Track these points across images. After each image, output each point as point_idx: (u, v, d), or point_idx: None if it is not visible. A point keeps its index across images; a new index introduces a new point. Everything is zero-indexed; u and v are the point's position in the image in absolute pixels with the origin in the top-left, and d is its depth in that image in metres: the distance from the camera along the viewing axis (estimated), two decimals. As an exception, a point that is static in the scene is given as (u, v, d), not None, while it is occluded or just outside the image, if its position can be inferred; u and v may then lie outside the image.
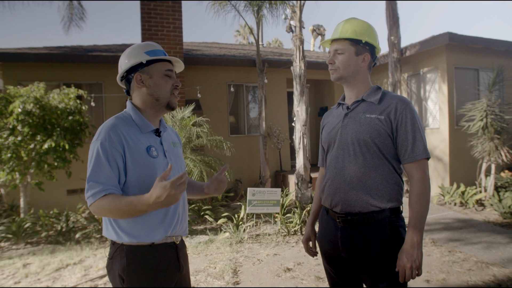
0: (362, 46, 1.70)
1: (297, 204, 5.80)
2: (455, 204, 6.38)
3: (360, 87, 1.73)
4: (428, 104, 7.71)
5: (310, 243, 1.97)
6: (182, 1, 7.50)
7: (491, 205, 5.85)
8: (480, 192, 6.38)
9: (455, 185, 6.60)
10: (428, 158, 1.62)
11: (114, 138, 1.40)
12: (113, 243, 1.47)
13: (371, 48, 1.73)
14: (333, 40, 1.74)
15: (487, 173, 6.42)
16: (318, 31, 10.46)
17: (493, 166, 6.22)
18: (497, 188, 6.28)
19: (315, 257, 2.00)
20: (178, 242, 1.55)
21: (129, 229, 1.42)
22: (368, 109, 1.67)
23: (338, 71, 1.72)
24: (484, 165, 6.38)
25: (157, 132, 1.56)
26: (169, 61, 1.57)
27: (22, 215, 5.68)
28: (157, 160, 1.47)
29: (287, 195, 6.50)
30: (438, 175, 7.33)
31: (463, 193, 6.42)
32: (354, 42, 1.69)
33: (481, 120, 6.31)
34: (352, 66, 1.70)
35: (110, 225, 1.45)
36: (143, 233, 1.43)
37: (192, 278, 3.59)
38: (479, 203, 6.28)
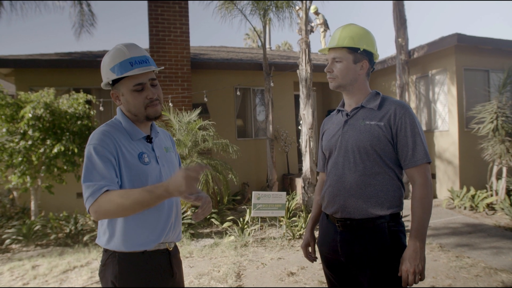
0: (360, 54, 1.70)
1: (303, 207, 5.77)
2: (465, 208, 6.26)
3: (359, 93, 1.74)
4: (437, 106, 7.61)
5: (309, 248, 1.97)
6: (191, 3, 7.58)
7: (502, 209, 5.72)
8: (491, 195, 6.25)
9: (465, 189, 6.48)
10: (429, 163, 1.62)
11: (107, 141, 1.39)
12: (105, 250, 1.47)
13: (369, 55, 1.73)
14: (331, 48, 1.75)
15: (498, 176, 6.28)
16: (322, 28, 10.32)
17: (504, 169, 6.09)
18: (508, 192, 6.14)
19: (314, 262, 2.01)
20: (171, 249, 1.55)
21: (121, 237, 1.42)
22: (368, 115, 1.68)
23: (337, 80, 1.73)
24: (495, 168, 6.25)
25: (148, 139, 1.55)
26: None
27: (33, 218, 5.80)
28: (149, 167, 1.47)
29: (293, 198, 6.48)
30: (448, 179, 7.21)
31: (473, 196, 6.30)
32: (352, 50, 1.69)
33: (492, 122, 6.20)
34: (351, 74, 1.71)
35: (102, 233, 1.46)
36: (135, 241, 1.42)
37: (195, 282, 3.61)
38: (490, 207, 6.15)
